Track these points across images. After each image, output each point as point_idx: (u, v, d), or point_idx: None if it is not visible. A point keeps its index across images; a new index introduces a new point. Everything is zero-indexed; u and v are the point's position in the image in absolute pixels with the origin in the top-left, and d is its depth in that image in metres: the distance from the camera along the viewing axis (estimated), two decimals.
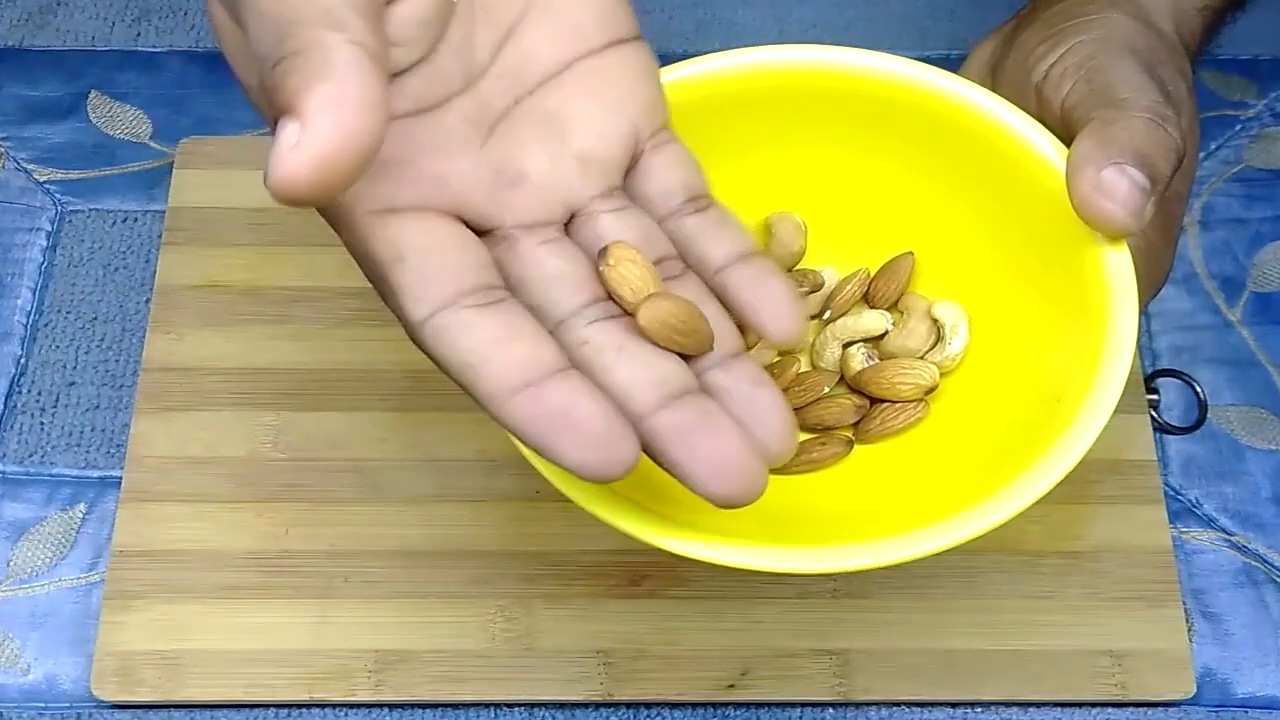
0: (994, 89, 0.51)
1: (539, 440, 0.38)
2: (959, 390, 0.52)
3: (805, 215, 0.55)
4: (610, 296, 0.41)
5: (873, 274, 0.54)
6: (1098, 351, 0.45)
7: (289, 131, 0.34)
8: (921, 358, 0.52)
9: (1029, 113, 0.49)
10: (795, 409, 0.47)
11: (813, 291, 0.54)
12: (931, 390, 0.51)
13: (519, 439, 0.38)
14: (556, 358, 0.38)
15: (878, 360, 0.53)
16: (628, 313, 0.40)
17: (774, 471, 0.40)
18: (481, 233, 0.41)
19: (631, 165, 0.43)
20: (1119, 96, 0.46)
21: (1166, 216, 0.49)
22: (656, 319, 0.40)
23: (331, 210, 0.39)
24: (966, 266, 0.52)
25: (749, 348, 0.43)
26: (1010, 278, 0.51)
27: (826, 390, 0.53)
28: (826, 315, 0.54)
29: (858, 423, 0.52)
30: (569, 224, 0.42)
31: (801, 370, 0.53)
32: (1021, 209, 0.49)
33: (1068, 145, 0.47)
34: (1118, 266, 0.46)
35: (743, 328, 0.42)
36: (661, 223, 0.43)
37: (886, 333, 0.53)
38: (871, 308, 0.54)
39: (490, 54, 0.41)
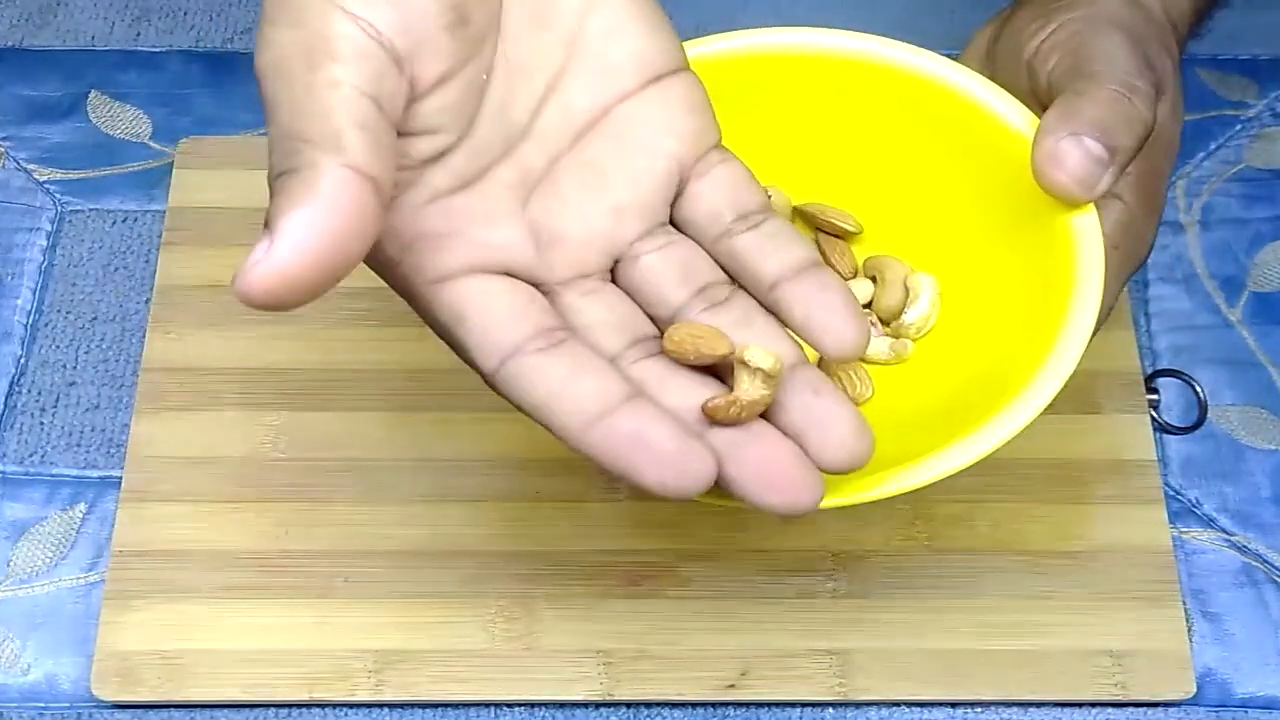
0: (991, 72, 0.52)
1: (620, 465, 0.39)
2: (934, 353, 0.52)
3: (796, 191, 0.55)
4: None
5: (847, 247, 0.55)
6: (1062, 312, 0.46)
7: (259, 248, 0.36)
8: (898, 317, 0.53)
9: (1021, 90, 0.50)
10: None
11: None
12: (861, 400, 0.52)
13: (600, 465, 0.39)
14: (622, 386, 0.40)
15: (880, 325, 0.53)
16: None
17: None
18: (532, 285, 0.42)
19: (679, 192, 0.44)
20: (1093, 69, 0.47)
21: (1149, 191, 0.50)
22: (678, 336, 0.42)
23: (396, 283, 0.41)
24: (947, 235, 0.53)
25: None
26: (988, 246, 0.51)
27: None
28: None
29: None
30: (615, 267, 0.44)
31: None
32: (996, 179, 0.49)
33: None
34: (1083, 229, 0.46)
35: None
36: (713, 244, 0.44)
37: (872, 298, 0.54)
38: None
39: (530, 113, 0.43)
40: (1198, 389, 0.61)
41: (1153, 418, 0.60)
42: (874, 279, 0.54)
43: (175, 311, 0.61)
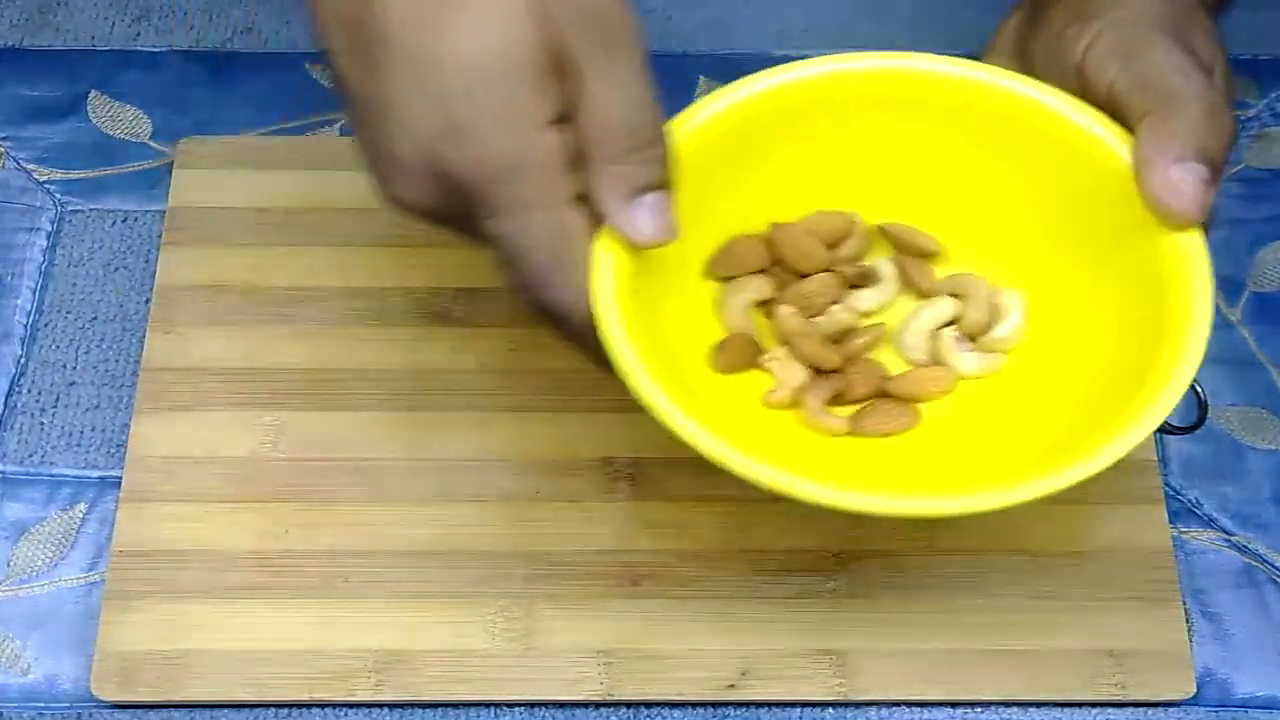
0: (1025, 68, 0.52)
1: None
2: (1026, 366, 0.53)
3: (872, 213, 0.55)
4: None
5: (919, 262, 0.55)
6: (1180, 328, 0.47)
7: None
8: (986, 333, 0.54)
9: (1070, 92, 0.50)
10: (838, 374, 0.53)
11: (863, 285, 0.55)
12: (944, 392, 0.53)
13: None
14: None
15: (967, 341, 0.53)
16: None
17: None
18: None
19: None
20: (1169, 86, 0.48)
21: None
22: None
23: None
24: (1033, 252, 0.53)
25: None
26: (1079, 262, 0.52)
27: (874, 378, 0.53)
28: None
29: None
30: None
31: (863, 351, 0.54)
32: (1082, 192, 0.51)
33: (1115, 121, 0.49)
34: (1190, 246, 0.48)
35: None
36: None
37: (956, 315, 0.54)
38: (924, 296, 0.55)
39: None
40: (1198, 389, 0.61)
41: None
42: (955, 296, 0.54)
43: (175, 311, 0.61)
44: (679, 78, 0.69)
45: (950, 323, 0.54)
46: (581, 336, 0.47)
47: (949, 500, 0.46)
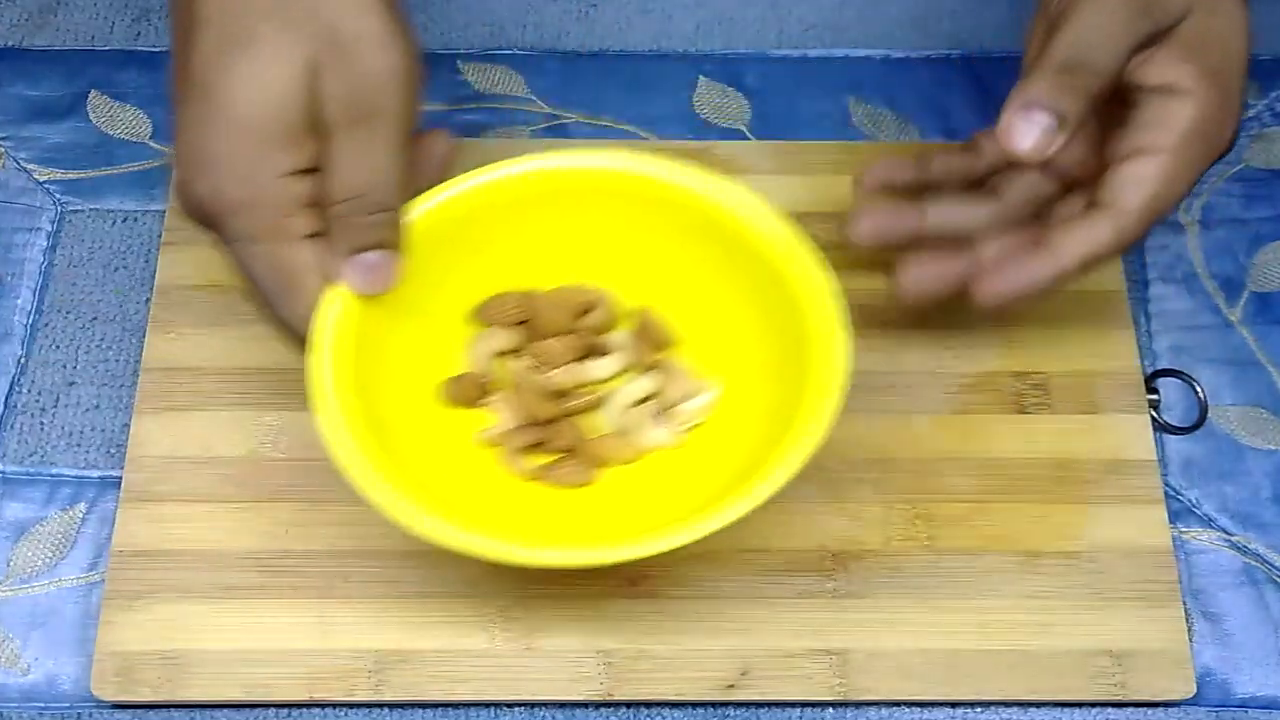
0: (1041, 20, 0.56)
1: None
2: (702, 440, 0.56)
3: (627, 292, 0.58)
4: None
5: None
6: (806, 411, 0.51)
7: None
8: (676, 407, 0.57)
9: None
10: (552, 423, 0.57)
11: (600, 354, 0.58)
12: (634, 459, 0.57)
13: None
14: None
15: (662, 415, 0.57)
16: None
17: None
18: None
19: None
20: (1052, 43, 0.53)
21: (1220, 87, 0.54)
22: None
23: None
24: (727, 333, 0.57)
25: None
26: (759, 341, 0.55)
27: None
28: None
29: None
30: None
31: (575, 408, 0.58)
32: (757, 283, 0.55)
33: None
34: (828, 339, 0.52)
35: None
36: None
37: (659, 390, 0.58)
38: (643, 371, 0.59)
39: None
40: (1198, 389, 0.61)
41: (1153, 418, 0.60)
42: (662, 373, 0.57)
43: (175, 311, 0.61)
44: (679, 78, 0.69)
45: (650, 397, 0.57)
46: (304, 349, 0.53)
47: (588, 551, 0.50)
